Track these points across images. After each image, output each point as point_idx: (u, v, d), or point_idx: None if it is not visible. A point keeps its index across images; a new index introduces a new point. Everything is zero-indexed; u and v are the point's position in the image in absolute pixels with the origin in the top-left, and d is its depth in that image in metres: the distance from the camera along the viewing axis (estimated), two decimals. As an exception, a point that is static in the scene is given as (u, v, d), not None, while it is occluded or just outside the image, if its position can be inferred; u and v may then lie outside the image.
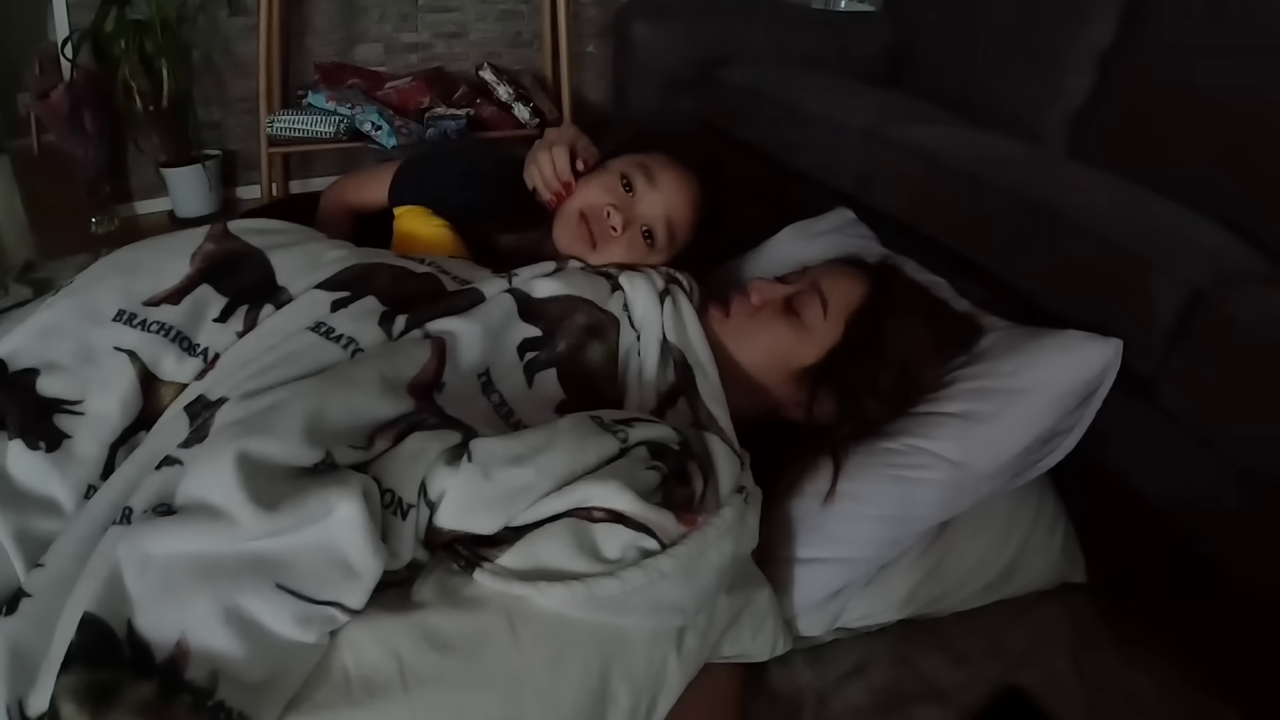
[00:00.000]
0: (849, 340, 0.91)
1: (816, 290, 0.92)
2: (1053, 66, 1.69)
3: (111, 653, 0.53)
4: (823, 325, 0.91)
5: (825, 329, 0.91)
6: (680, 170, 1.03)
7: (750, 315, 0.94)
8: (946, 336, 0.98)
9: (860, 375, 0.91)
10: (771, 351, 0.92)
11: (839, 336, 0.91)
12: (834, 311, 0.91)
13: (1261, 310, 0.88)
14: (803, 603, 0.91)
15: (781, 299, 0.94)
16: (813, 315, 0.91)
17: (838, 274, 0.96)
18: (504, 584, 0.63)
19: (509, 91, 2.51)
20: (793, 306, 0.92)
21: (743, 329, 0.93)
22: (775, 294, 0.95)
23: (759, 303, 0.94)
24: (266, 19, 2.22)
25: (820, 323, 0.91)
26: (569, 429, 0.70)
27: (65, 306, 0.78)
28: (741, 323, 0.94)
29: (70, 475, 0.69)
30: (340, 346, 0.77)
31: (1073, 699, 0.93)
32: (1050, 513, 1.05)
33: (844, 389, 0.91)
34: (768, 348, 0.92)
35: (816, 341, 0.91)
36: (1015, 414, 0.93)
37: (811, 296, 0.92)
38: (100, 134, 2.22)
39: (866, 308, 0.92)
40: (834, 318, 0.91)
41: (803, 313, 0.91)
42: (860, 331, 0.91)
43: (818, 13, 2.55)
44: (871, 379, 0.92)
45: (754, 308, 0.94)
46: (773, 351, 0.92)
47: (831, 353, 0.91)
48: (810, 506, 0.90)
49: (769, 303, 0.94)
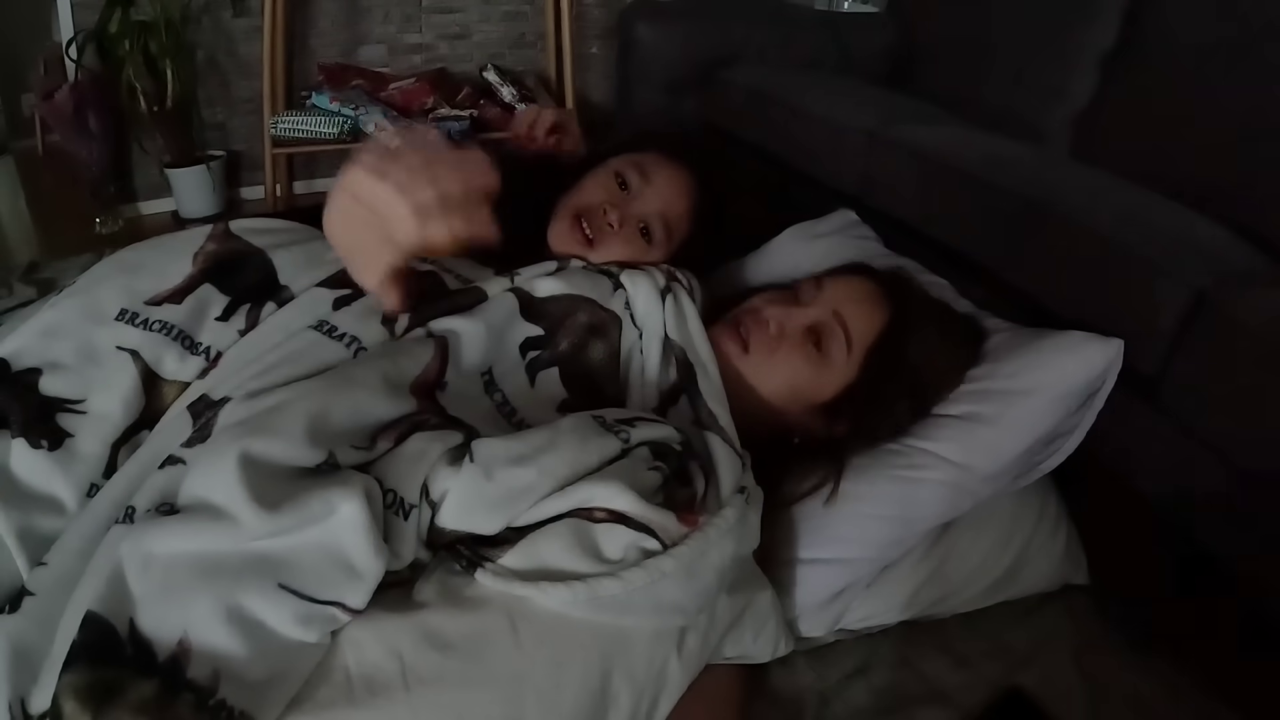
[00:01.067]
0: (868, 373, 0.90)
1: (839, 322, 0.90)
2: (1056, 68, 1.69)
3: (114, 651, 0.53)
4: (845, 360, 0.90)
5: (846, 363, 0.90)
6: (674, 166, 1.04)
7: (770, 351, 0.91)
8: (961, 354, 0.97)
9: (878, 404, 0.91)
10: (791, 385, 0.91)
11: (859, 370, 0.90)
12: (856, 344, 0.90)
13: (1264, 311, 0.88)
14: (804, 604, 0.91)
15: (802, 329, 0.91)
16: (836, 350, 0.90)
17: (858, 300, 0.93)
18: (506, 584, 0.63)
19: (512, 92, 2.52)
20: (814, 338, 0.90)
21: (762, 365, 0.91)
22: (794, 322, 0.92)
23: (778, 333, 0.92)
24: (271, 20, 2.22)
25: (844, 358, 0.90)
26: (571, 429, 0.70)
27: (68, 306, 0.78)
28: (761, 358, 0.91)
29: (72, 474, 0.69)
30: (343, 345, 0.77)
31: (1075, 701, 0.92)
32: (1053, 514, 1.05)
33: (860, 417, 0.91)
34: (788, 382, 0.91)
35: (837, 376, 0.90)
36: (1017, 415, 0.93)
37: (834, 329, 0.90)
38: (104, 135, 2.23)
39: (886, 337, 0.91)
40: (856, 350, 0.90)
41: (825, 346, 0.90)
42: (880, 363, 0.90)
43: (821, 14, 2.56)
44: (889, 407, 0.92)
45: (773, 341, 0.91)
46: (793, 386, 0.91)
47: (850, 386, 0.90)
48: (812, 507, 0.90)
49: (788, 333, 0.92)
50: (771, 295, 0.97)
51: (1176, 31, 1.50)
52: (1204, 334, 0.91)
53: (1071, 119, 1.67)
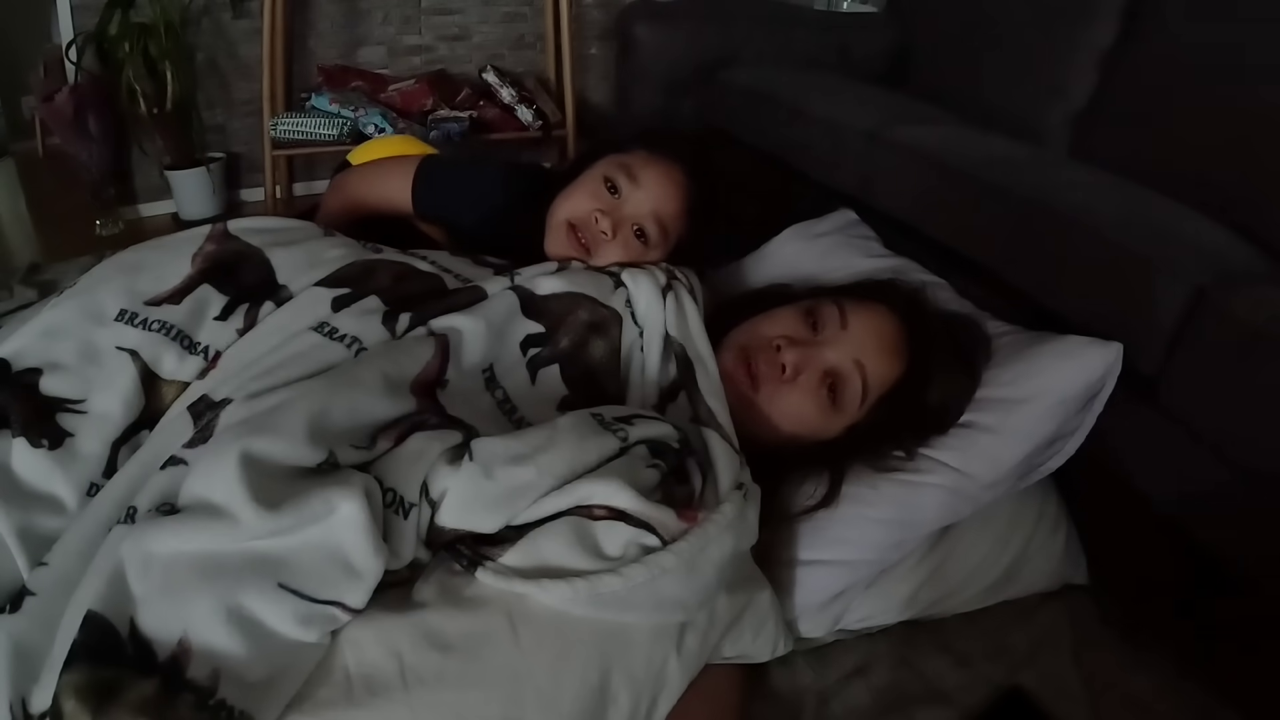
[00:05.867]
0: (878, 416, 0.90)
1: (859, 371, 0.88)
2: (1055, 67, 1.69)
3: (114, 651, 0.54)
4: (858, 408, 0.89)
5: (859, 410, 0.89)
6: (662, 163, 1.03)
7: (781, 394, 0.88)
8: (972, 385, 0.96)
9: (883, 438, 0.91)
10: (798, 427, 0.90)
11: (869, 413, 0.90)
12: (872, 393, 0.89)
13: (1264, 310, 0.88)
14: (804, 604, 0.91)
15: (819, 373, 0.87)
16: (850, 399, 0.88)
17: (880, 350, 0.89)
18: (507, 582, 0.63)
19: (512, 94, 2.52)
20: (829, 382, 0.87)
21: (770, 404, 0.89)
22: (811, 366, 0.88)
23: (792, 377, 0.88)
24: (270, 22, 2.23)
25: (856, 407, 0.89)
26: (570, 428, 0.70)
27: (68, 307, 0.78)
28: (770, 399, 0.89)
29: (73, 473, 0.69)
30: (344, 346, 0.77)
31: (1075, 700, 0.92)
32: (1053, 514, 1.05)
33: (863, 449, 0.91)
34: (795, 424, 0.89)
35: (846, 420, 0.90)
36: (1017, 423, 0.93)
37: (852, 378, 0.87)
38: (104, 137, 2.23)
39: (903, 385, 0.90)
40: (870, 397, 0.89)
41: (840, 395, 0.88)
42: (892, 408, 0.90)
43: (820, 14, 2.56)
44: (894, 439, 0.92)
45: (786, 385, 0.88)
46: (799, 427, 0.90)
47: (857, 425, 0.90)
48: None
49: (803, 377, 0.88)
50: (788, 323, 0.92)
51: (1176, 31, 1.50)
52: (1204, 333, 0.91)
53: (1070, 119, 1.67)
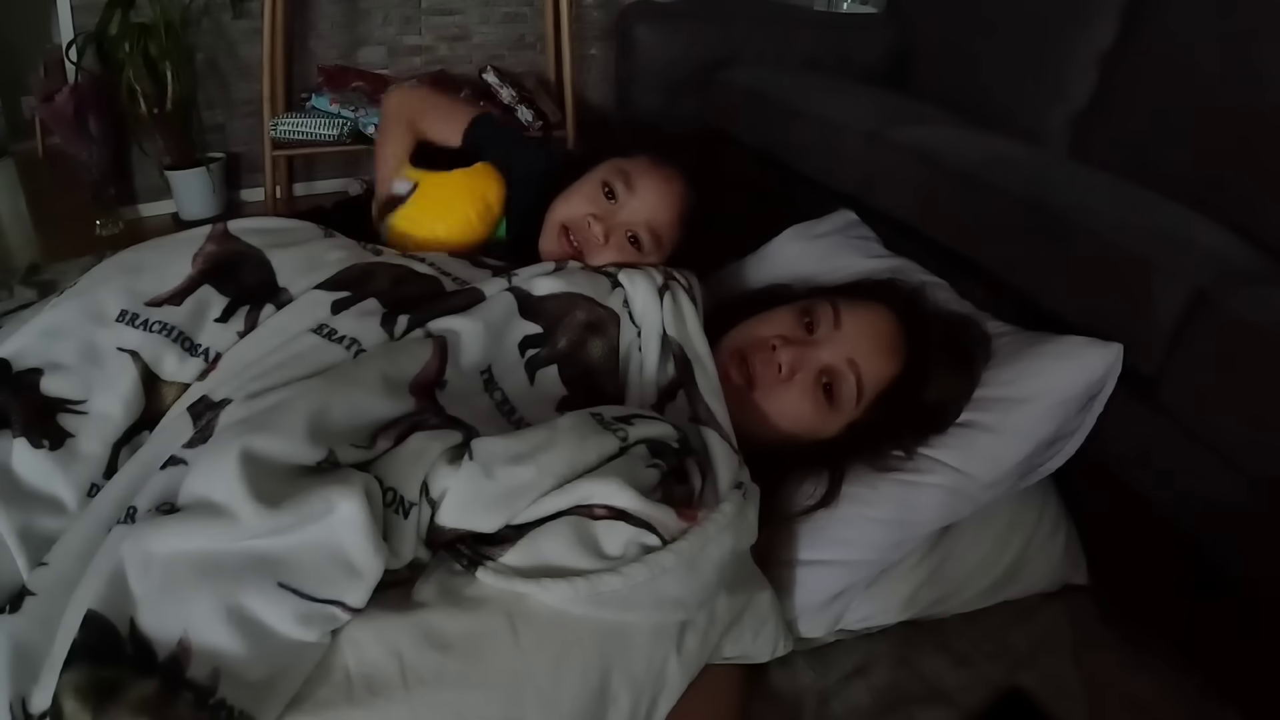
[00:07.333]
0: (875, 415, 0.90)
1: (854, 371, 0.88)
2: (1055, 68, 1.69)
3: (114, 650, 0.54)
4: (854, 407, 0.89)
5: (855, 409, 0.89)
6: (662, 173, 1.03)
7: (776, 394, 0.89)
8: (971, 384, 0.96)
9: (881, 437, 0.91)
10: (794, 427, 0.90)
11: (866, 412, 0.90)
12: (868, 392, 0.89)
13: (1264, 310, 0.88)
14: (804, 604, 0.91)
15: (814, 373, 0.89)
16: (846, 398, 0.88)
17: (876, 349, 0.90)
18: (507, 581, 0.63)
19: (512, 94, 2.52)
20: (825, 382, 0.88)
21: (766, 404, 0.89)
22: (807, 366, 0.89)
23: (788, 376, 0.88)
24: (270, 22, 2.22)
25: (853, 406, 0.89)
26: (569, 427, 0.70)
27: (69, 307, 0.78)
28: (766, 399, 0.89)
29: (73, 474, 0.69)
30: (343, 348, 0.77)
31: (1075, 700, 0.92)
32: (1052, 514, 1.05)
33: (862, 447, 0.91)
34: (791, 424, 0.90)
35: (843, 420, 0.90)
36: (1017, 423, 0.93)
37: (847, 377, 0.88)
38: (104, 137, 2.22)
39: (900, 384, 0.90)
40: (866, 396, 0.89)
41: (836, 395, 0.88)
42: (889, 407, 0.90)
43: (820, 14, 2.56)
44: (893, 438, 0.92)
45: (781, 385, 0.89)
46: (795, 426, 0.90)
47: (854, 424, 0.90)
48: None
49: (798, 377, 0.89)
50: (783, 323, 0.93)
51: (1176, 31, 1.50)
52: (1203, 333, 0.91)
53: (1070, 119, 1.67)
